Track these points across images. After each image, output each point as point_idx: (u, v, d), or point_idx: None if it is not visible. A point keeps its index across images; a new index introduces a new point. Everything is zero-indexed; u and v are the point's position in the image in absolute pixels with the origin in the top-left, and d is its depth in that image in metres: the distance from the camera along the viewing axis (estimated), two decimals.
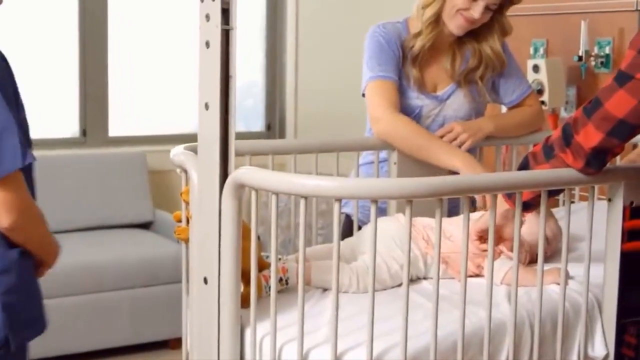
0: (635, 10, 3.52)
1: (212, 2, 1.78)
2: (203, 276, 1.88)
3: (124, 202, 4.76)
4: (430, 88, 2.75)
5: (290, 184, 1.72)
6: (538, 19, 3.88)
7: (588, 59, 3.66)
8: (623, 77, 1.80)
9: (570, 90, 3.77)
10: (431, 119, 2.74)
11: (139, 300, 4.30)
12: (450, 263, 2.20)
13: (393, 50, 2.67)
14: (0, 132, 1.91)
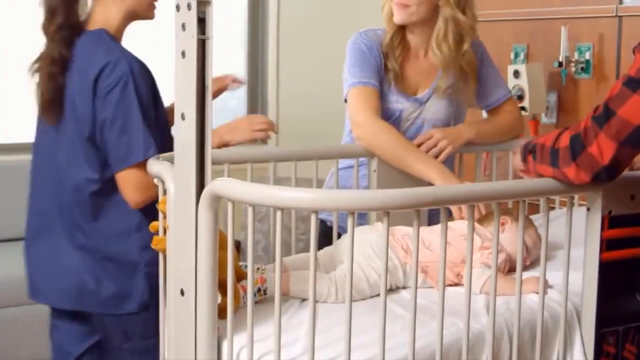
0: (615, 16, 3.53)
1: (188, 12, 1.77)
2: (180, 288, 1.87)
3: None
4: (411, 91, 2.75)
5: (266, 195, 1.71)
6: (519, 24, 3.89)
7: (568, 64, 3.67)
8: (634, 83, 1.76)
9: (550, 96, 3.77)
10: (410, 121, 2.75)
11: None
12: (429, 272, 2.19)
13: (374, 57, 2.68)
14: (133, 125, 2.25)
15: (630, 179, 1.99)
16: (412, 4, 2.61)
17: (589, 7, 3.64)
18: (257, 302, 2.04)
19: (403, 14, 2.63)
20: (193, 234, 1.81)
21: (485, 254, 2.21)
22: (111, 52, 2.32)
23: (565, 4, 3.74)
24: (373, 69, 2.68)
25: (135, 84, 2.28)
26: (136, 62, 2.32)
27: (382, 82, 2.70)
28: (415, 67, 2.75)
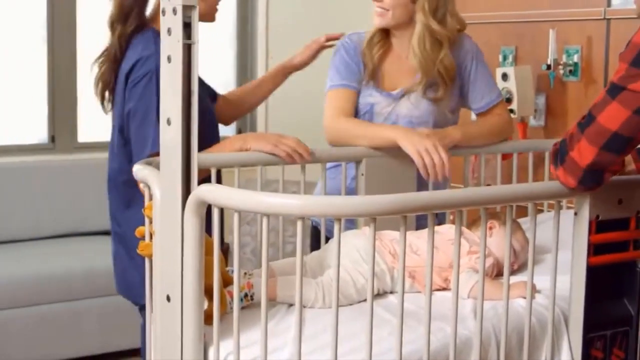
0: (603, 19, 3.53)
1: (174, 16, 1.76)
2: (166, 294, 1.86)
3: (92, 209, 4.70)
4: (388, 87, 2.78)
5: (253, 202, 1.70)
6: (507, 26, 3.89)
7: (556, 67, 3.67)
8: (615, 89, 1.78)
9: (539, 99, 3.77)
10: (383, 116, 2.77)
11: (107, 308, 4.25)
12: (417, 277, 2.19)
13: (352, 58, 2.76)
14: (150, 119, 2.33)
15: (617, 184, 1.98)
16: (389, 9, 2.68)
17: (577, 9, 3.64)
18: (244, 307, 2.03)
19: (382, 18, 2.72)
20: (179, 240, 1.80)
21: (473, 258, 2.20)
22: (147, 49, 2.45)
23: (554, 7, 3.75)
24: (349, 70, 2.75)
25: (158, 81, 2.28)
26: None
27: (360, 80, 2.77)
28: (398, 67, 2.79)
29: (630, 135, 1.78)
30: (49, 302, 4.11)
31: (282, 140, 2.47)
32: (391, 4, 2.68)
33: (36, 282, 4.05)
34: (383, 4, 2.69)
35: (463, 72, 2.78)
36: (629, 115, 1.76)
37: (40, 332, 4.08)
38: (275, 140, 2.46)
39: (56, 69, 4.78)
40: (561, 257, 2.01)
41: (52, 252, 4.39)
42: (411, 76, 2.77)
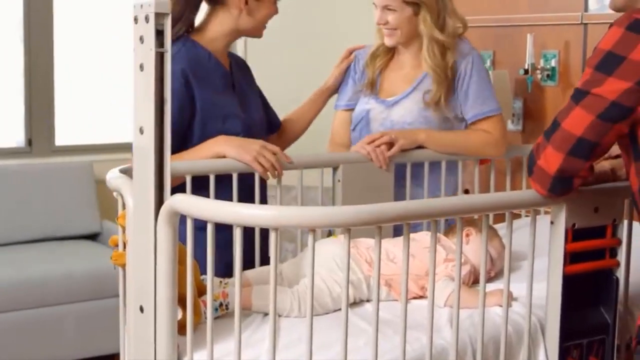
0: (580, 23, 3.53)
1: (146, 24, 1.74)
2: (139, 304, 1.84)
3: (70, 213, 4.66)
4: (386, 94, 2.85)
5: (227, 212, 1.68)
6: (485, 30, 3.89)
7: (534, 72, 3.66)
8: (579, 94, 1.79)
9: (516, 103, 3.77)
10: (379, 122, 2.83)
11: (85, 314, 4.21)
12: (393, 286, 2.17)
13: (355, 72, 2.90)
14: None
15: (593, 192, 1.98)
16: (397, 28, 2.76)
17: (554, 14, 3.64)
18: (219, 317, 2.02)
19: (392, 38, 2.80)
20: (152, 250, 1.78)
21: (449, 266, 2.19)
22: None
23: (531, 11, 3.74)
24: (347, 87, 2.92)
25: None
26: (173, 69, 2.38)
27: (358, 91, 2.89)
28: (398, 74, 2.87)
29: (595, 140, 1.78)
30: (27, 308, 4.06)
31: (263, 153, 2.45)
32: (397, 24, 2.75)
33: (14, 288, 4.01)
34: (389, 25, 2.76)
35: (459, 80, 2.79)
36: (592, 120, 1.76)
37: (18, 338, 4.03)
38: (256, 153, 2.44)
39: (33, 71, 4.74)
40: (539, 264, 2.00)
41: (30, 257, 4.34)
42: (408, 83, 2.83)
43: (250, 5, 2.57)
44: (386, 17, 2.75)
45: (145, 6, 1.73)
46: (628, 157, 1.85)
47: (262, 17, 2.61)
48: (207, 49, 2.60)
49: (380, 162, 2.64)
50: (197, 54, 2.58)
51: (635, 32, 1.71)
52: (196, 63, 2.56)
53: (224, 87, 2.62)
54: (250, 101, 2.71)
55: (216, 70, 2.61)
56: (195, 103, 2.52)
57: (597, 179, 2.00)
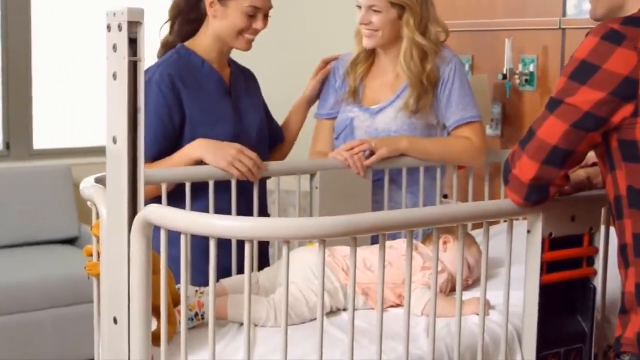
0: (559, 28, 3.54)
1: (119, 33, 1.72)
2: (113, 316, 1.81)
3: (48, 218, 4.63)
4: (369, 102, 2.83)
5: (201, 224, 1.66)
6: (463, 35, 3.88)
7: (512, 77, 3.67)
8: (554, 103, 1.78)
9: (495, 108, 3.77)
10: (363, 130, 2.81)
11: (63, 319, 4.18)
12: (370, 295, 2.16)
13: (336, 80, 2.88)
14: None
15: (570, 201, 1.98)
16: (379, 29, 2.74)
17: (533, 19, 3.65)
18: (194, 327, 2.00)
19: (372, 39, 2.77)
20: (125, 261, 1.76)
21: (427, 274, 2.18)
22: (155, 64, 2.59)
23: (509, 16, 3.75)
24: (327, 95, 2.89)
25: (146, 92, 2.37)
26: (160, 75, 2.53)
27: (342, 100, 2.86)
28: (381, 82, 2.85)
29: (570, 148, 1.77)
30: (4, 314, 4.03)
31: (239, 158, 2.45)
32: (380, 25, 2.73)
33: None
34: (372, 25, 2.74)
35: (441, 86, 2.78)
36: (566, 129, 1.75)
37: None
38: (232, 158, 2.44)
39: (11, 74, 4.71)
40: (517, 271, 1.99)
41: (7, 262, 4.31)
42: (392, 91, 2.82)
43: (216, 10, 2.57)
44: (370, 17, 2.73)
45: (118, 14, 1.71)
46: (604, 166, 1.84)
47: (231, 26, 2.58)
48: (201, 57, 2.62)
49: (358, 169, 2.63)
50: (189, 60, 2.61)
51: (611, 41, 1.71)
52: (186, 69, 2.58)
53: (217, 93, 2.63)
54: (247, 110, 2.70)
55: (210, 77, 2.62)
56: (184, 108, 2.53)
57: (573, 187, 1.99)
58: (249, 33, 2.61)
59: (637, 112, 1.71)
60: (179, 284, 2.01)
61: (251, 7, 2.56)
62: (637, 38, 1.71)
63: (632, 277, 1.79)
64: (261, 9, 2.59)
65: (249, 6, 2.56)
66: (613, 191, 1.82)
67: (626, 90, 1.70)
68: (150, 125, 2.43)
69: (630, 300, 1.79)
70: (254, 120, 2.70)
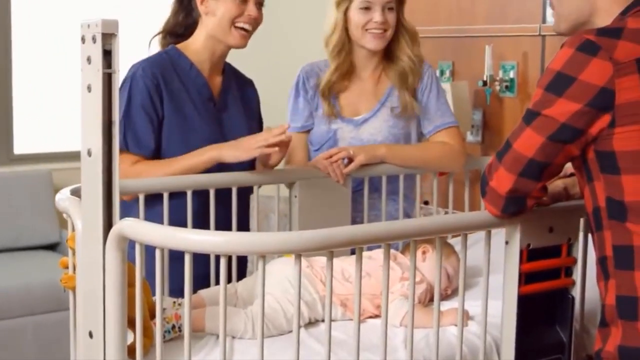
0: (538, 35, 3.54)
1: (94, 44, 1.70)
2: (88, 330, 1.80)
3: (29, 223, 4.60)
4: (350, 113, 2.80)
5: (177, 239, 1.65)
6: (444, 41, 3.89)
7: (493, 83, 3.67)
8: (530, 115, 1.78)
9: (476, 114, 3.77)
10: (347, 141, 2.79)
11: (44, 326, 4.15)
12: (348, 305, 2.15)
13: (306, 91, 2.80)
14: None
15: (548, 212, 1.97)
16: (389, 28, 2.73)
17: (512, 25, 3.65)
18: (172, 339, 1.99)
19: (382, 39, 2.74)
20: (101, 274, 1.75)
21: (405, 285, 2.18)
22: (141, 60, 2.56)
23: (489, 22, 3.75)
24: (300, 107, 2.82)
25: (131, 85, 2.48)
26: (144, 70, 2.50)
27: (317, 108, 2.80)
28: (359, 90, 2.82)
29: (546, 161, 1.77)
30: None
31: (253, 144, 2.41)
32: (393, 22, 2.72)
33: None
34: (386, 25, 2.71)
35: (423, 89, 2.78)
36: (543, 142, 1.75)
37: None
38: (247, 145, 2.42)
39: None
40: (496, 280, 1.99)
41: None
42: (375, 98, 2.81)
43: (208, 5, 2.54)
44: (386, 16, 2.70)
45: (92, 26, 1.70)
46: (582, 178, 1.84)
47: (223, 15, 2.52)
48: (190, 60, 2.59)
49: (337, 176, 2.62)
50: (177, 62, 2.58)
51: (586, 52, 1.71)
52: (172, 70, 2.55)
53: (200, 99, 2.58)
54: (232, 120, 2.65)
55: (195, 81, 2.58)
56: (163, 108, 2.51)
57: (551, 198, 1.99)
58: (243, 21, 2.54)
59: (614, 123, 1.71)
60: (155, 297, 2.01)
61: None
62: (612, 48, 1.70)
63: (612, 290, 1.78)
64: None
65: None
66: (591, 202, 1.82)
67: (602, 101, 1.70)
68: (140, 118, 2.47)
69: (610, 313, 1.78)
70: (237, 131, 2.62)
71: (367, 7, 2.69)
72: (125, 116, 2.45)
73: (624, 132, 1.71)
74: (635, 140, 1.71)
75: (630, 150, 1.71)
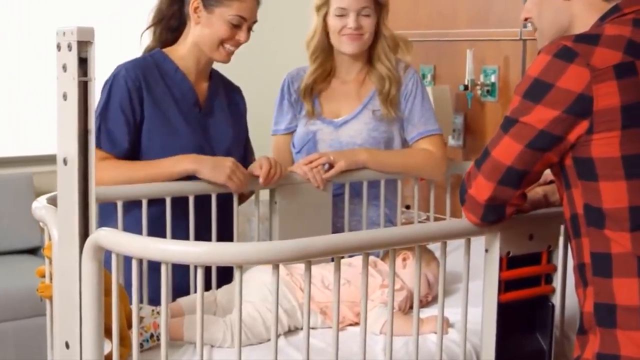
0: (519, 39, 3.54)
1: (69, 52, 1.68)
2: (64, 340, 1.78)
3: (9, 227, 4.57)
4: (331, 114, 2.80)
5: (152, 249, 1.64)
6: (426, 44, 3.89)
7: (474, 87, 3.67)
8: (508, 123, 1.77)
9: (457, 119, 3.77)
10: (327, 143, 2.78)
11: (24, 331, 4.12)
12: (328, 313, 2.14)
13: (290, 94, 2.81)
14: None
15: (528, 219, 1.97)
16: (365, 33, 2.72)
17: (494, 30, 3.65)
18: (150, 348, 1.97)
19: (358, 43, 2.74)
20: (77, 284, 1.73)
21: (385, 292, 2.17)
22: (126, 61, 2.54)
23: (471, 27, 3.75)
24: (283, 111, 2.83)
25: (112, 84, 2.48)
26: (126, 70, 2.49)
27: (300, 110, 2.81)
28: (341, 93, 2.82)
29: (526, 168, 1.77)
30: None
31: (235, 172, 2.42)
32: (369, 28, 2.72)
33: None
34: (361, 29, 2.71)
35: (404, 98, 2.78)
36: (521, 149, 1.74)
37: None
38: (229, 171, 2.41)
39: None
40: (476, 286, 1.98)
41: None
42: (358, 100, 2.80)
43: (200, 16, 2.51)
44: (361, 21, 2.70)
45: (67, 34, 1.69)
46: (560, 185, 1.84)
47: (213, 34, 2.50)
48: (176, 64, 2.56)
49: (317, 182, 2.61)
50: (162, 66, 2.55)
51: (563, 59, 1.70)
52: (156, 73, 2.53)
53: (184, 104, 2.56)
54: (217, 127, 2.62)
55: (180, 86, 2.56)
56: (143, 111, 2.48)
57: (530, 205, 1.98)
58: (231, 44, 2.53)
59: (592, 130, 1.71)
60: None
61: (237, 17, 2.49)
62: (589, 55, 1.70)
63: (590, 297, 1.77)
64: (247, 19, 2.51)
65: (236, 15, 2.48)
66: (569, 209, 1.81)
67: (580, 108, 1.70)
68: (116, 117, 2.45)
69: (589, 320, 1.78)
70: (222, 138, 2.61)
71: (342, 14, 2.71)
72: (102, 114, 2.44)
73: (602, 138, 1.70)
74: (614, 147, 1.71)
75: (608, 156, 1.71)
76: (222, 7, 2.48)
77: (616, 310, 1.72)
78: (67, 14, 4.78)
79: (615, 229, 1.72)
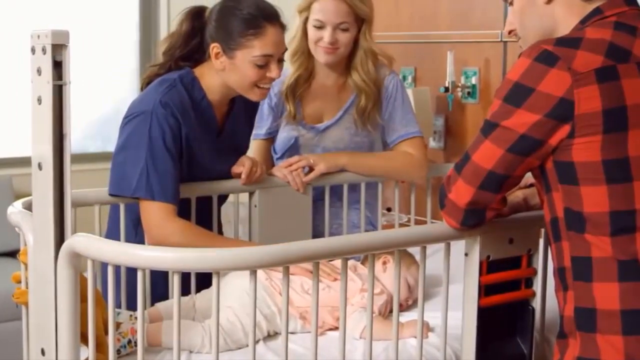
0: (500, 41, 3.54)
1: (43, 55, 1.67)
2: (40, 347, 1.76)
3: None
4: (313, 120, 2.79)
5: (128, 255, 1.62)
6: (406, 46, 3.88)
7: (455, 89, 3.66)
8: (489, 127, 1.75)
9: (438, 121, 3.77)
10: (309, 149, 2.77)
11: (5, 334, 4.07)
12: (308, 318, 2.13)
13: (270, 98, 2.74)
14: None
15: (508, 223, 1.96)
16: (341, 47, 2.68)
17: (475, 31, 3.64)
18: (128, 354, 1.96)
19: (333, 55, 2.70)
20: (52, 291, 1.71)
21: (365, 296, 2.15)
22: (155, 91, 2.29)
23: (452, 28, 3.75)
24: (265, 115, 2.78)
25: (151, 125, 2.23)
26: (164, 107, 2.25)
27: (282, 115, 2.78)
28: (322, 98, 2.79)
29: (506, 173, 1.76)
30: None
31: None
32: (346, 42, 2.68)
33: None
34: (338, 43, 2.67)
35: (387, 99, 2.77)
36: (502, 154, 1.73)
37: None
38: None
39: None
40: (457, 289, 1.97)
41: None
42: (338, 106, 2.78)
43: (223, 62, 2.30)
44: (337, 35, 2.66)
45: (42, 37, 1.67)
46: (541, 188, 1.83)
47: (243, 80, 2.30)
48: (204, 90, 2.36)
49: (297, 185, 2.59)
50: (191, 91, 2.34)
51: (544, 63, 1.69)
52: (188, 101, 2.33)
53: (207, 133, 2.40)
54: (230, 152, 2.51)
55: (205, 113, 2.38)
56: (182, 140, 2.31)
57: (510, 209, 1.98)
58: (264, 82, 2.32)
59: (574, 134, 1.70)
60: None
61: (261, 57, 2.27)
62: (571, 59, 1.69)
63: (570, 301, 1.77)
64: (273, 55, 2.29)
65: (260, 55, 2.26)
66: (549, 213, 1.81)
67: (562, 112, 1.69)
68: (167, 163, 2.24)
69: (569, 324, 1.77)
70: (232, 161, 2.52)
71: (319, 25, 2.67)
72: (150, 160, 2.21)
73: (583, 142, 1.70)
74: (595, 151, 1.70)
75: (590, 161, 1.70)
76: (243, 49, 2.27)
77: (596, 315, 1.71)
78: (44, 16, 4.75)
79: (596, 233, 1.71)
